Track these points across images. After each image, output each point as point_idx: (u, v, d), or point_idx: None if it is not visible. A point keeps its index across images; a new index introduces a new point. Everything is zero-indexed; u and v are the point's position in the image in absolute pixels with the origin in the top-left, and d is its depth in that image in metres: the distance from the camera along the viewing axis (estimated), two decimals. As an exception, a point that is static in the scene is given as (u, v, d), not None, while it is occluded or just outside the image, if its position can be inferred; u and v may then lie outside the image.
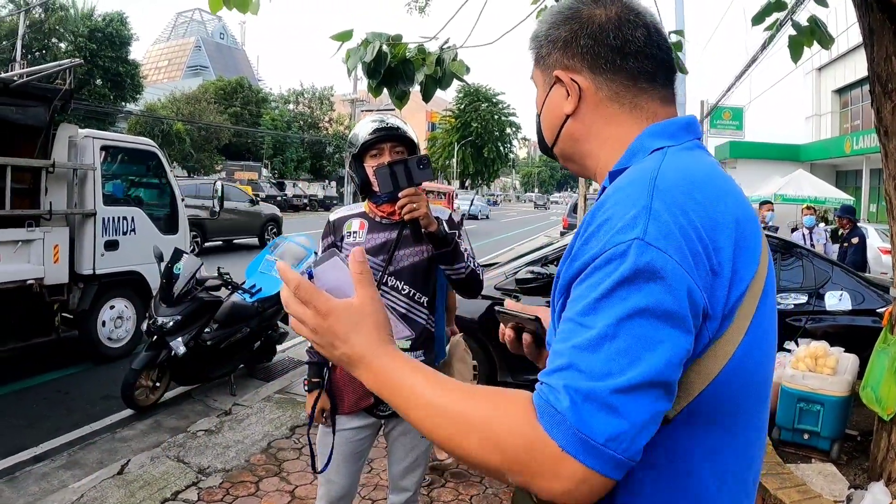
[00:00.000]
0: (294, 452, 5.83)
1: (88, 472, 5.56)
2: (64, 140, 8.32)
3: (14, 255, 7.68)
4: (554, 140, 1.44)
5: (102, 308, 8.82)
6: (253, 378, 8.28)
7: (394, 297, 3.19)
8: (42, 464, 5.81)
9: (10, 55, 35.82)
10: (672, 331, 1.03)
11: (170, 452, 5.79)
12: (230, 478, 5.33)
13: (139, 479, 5.28)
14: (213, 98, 58.37)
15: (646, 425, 1.01)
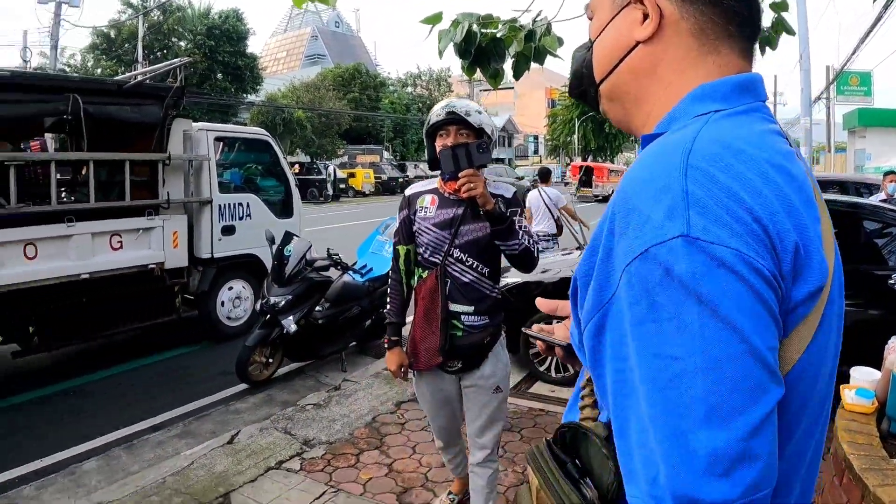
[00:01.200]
0: (396, 427, 6.00)
1: (200, 442, 5.97)
2: (179, 133, 8.86)
3: (136, 241, 8.29)
4: (607, 73, 1.24)
5: (221, 289, 9.38)
6: (364, 355, 8.55)
7: (458, 268, 3.49)
8: (158, 433, 6.29)
9: (133, 56, 37.62)
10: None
11: (278, 424, 6.10)
12: (333, 450, 5.57)
13: (247, 449, 5.60)
14: (332, 85, 59.16)
15: None
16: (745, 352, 0.86)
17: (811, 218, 0.97)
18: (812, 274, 0.95)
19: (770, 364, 0.88)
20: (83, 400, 7.34)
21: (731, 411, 0.86)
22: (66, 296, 7.85)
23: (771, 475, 0.88)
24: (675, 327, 0.88)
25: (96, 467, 5.60)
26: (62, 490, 5.22)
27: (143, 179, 8.57)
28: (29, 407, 7.14)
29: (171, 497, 4.81)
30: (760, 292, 0.88)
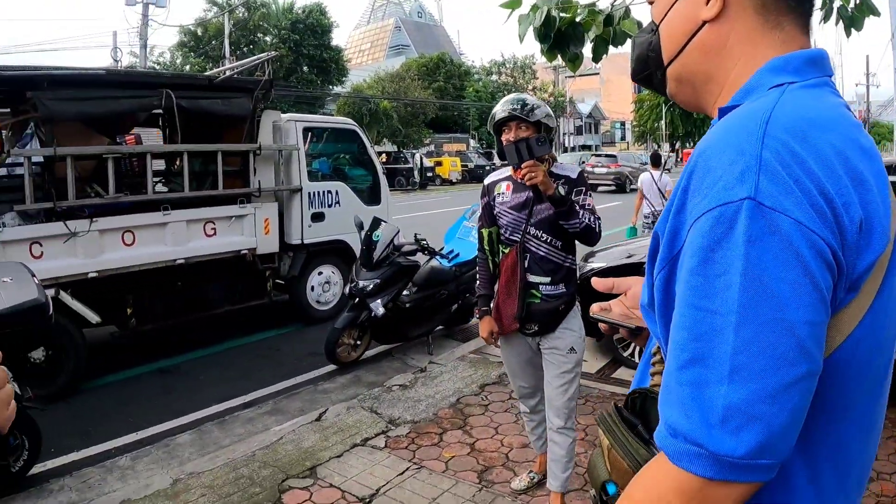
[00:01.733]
0: (480, 408, 6.09)
1: (289, 419, 6.18)
2: (268, 125, 9.17)
3: (229, 228, 8.63)
4: (675, 54, 1.27)
5: (311, 274, 9.66)
6: (451, 339, 8.68)
7: (535, 243, 3.97)
8: (249, 410, 6.56)
9: (220, 53, 38.57)
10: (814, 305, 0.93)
11: (365, 404, 6.28)
12: (417, 429, 5.70)
13: (334, 426, 5.79)
14: (417, 75, 59.20)
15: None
16: (779, 321, 0.91)
17: (880, 188, 1.00)
18: (873, 246, 0.97)
19: (802, 338, 0.91)
20: (177, 378, 7.73)
21: (752, 374, 0.90)
22: (162, 280, 8.26)
23: (780, 447, 0.92)
24: (722, 284, 0.93)
25: (189, 441, 5.89)
26: (156, 461, 5.52)
27: (234, 169, 8.90)
28: (126, 384, 7.57)
29: (260, 469, 5.02)
30: (809, 265, 0.91)
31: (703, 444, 0.92)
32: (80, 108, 7.59)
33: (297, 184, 9.37)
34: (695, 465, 0.93)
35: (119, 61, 35.43)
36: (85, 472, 5.42)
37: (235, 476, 4.95)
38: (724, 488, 0.93)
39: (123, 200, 7.80)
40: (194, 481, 4.90)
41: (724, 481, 0.92)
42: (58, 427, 6.08)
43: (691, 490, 0.94)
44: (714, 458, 0.91)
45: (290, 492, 4.70)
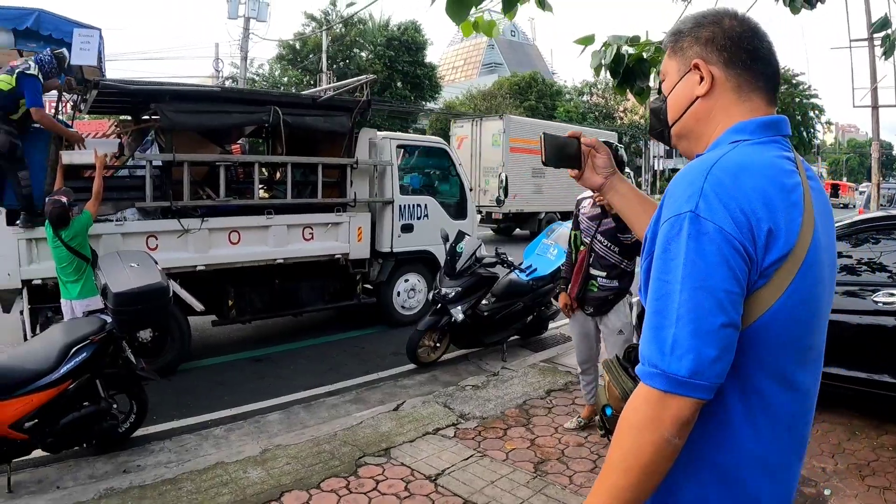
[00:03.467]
0: (544, 411, 6.50)
1: (370, 407, 6.78)
2: (365, 141, 9.91)
3: (325, 234, 9.38)
4: (677, 118, 1.77)
5: (398, 281, 10.33)
6: (524, 348, 9.08)
7: (599, 246, 5.46)
8: (334, 398, 7.21)
9: (318, 66, 39.45)
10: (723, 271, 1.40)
11: (439, 399, 6.80)
12: (484, 423, 6.17)
13: (409, 416, 6.33)
14: (508, 93, 58.69)
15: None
16: (704, 287, 1.39)
17: (789, 212, 1.45)
18: (777, 247, 1.42)
19: (720, 299, 1.38)
20: (269, 366, 8.49)
21: (689, 320, 1.39)
22: (261, 277, 9.07)
23: (709, 373, 1.38)
24: (673, 264, 1.44)
25: (278, 419, 6.58)
26: (247, 434, 6.22)
27: (332, 180, 9.66)
28: (222, 368, 8.42)
29: (340, 447, 5.60)
30: (726, 254, 1.39)
31: (658, 366, 1.40)
32: (197, 120, 8.43)
33: (390, 196, 10.04)
34: (655, 381, 1.41)
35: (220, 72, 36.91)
36: (183, 437, 6.18)
37: (318, 450, 5.54)
38: (674, 399, 1.38)
39: (232, 203, 8.65)
40: (281, 452, 5.52)
41: (674, 394, 1.38)
42: (161, 399, 6.87)
43: (654, 399, 1.41)
44: (666, 376, 1.39)
45: (366, 466, 5.25)
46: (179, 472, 5.26)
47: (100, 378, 5.71)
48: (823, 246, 1.53)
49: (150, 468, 5.51)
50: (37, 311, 7.61)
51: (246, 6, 31.79)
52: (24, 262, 7.31)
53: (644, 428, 1.42)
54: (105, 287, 5.88)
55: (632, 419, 1.45)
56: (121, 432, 5.95)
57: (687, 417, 1.40)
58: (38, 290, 7.53)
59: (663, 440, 1.40)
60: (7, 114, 7.05)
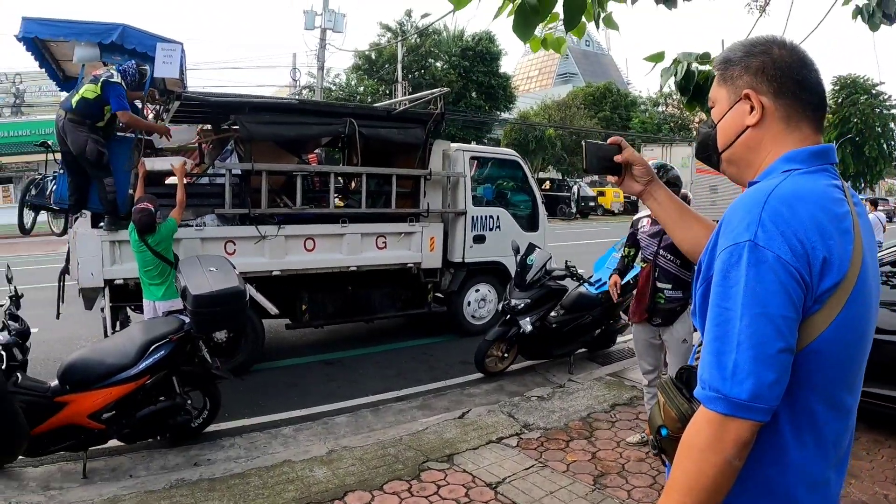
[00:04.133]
0: (608, 424, 6.51)
1: (435, 414, 6.91)
2: (439, 153, 10.06)
3: (398, 243, 9.59)
4: (727, 145, 1.82)
5: (468, 291, 10.42)
6: (591, 361, 9.06)
7: (663, 261, 5.60)
8: (401, 403, 7.37)
9: (393, 76, 39.79)
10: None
11: (504, 409, 6.87)
12: (547, 434, 6.23)
13: (474, 424, 6.43)
14: (583, 103, 58.42)
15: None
16: (764, 314, 1.44)
17: (841, 240, 1.51)
18: (831, 274, 1.48)
19: (779, 325, 1.44)
20: (339, 370, 8.71)
21: (749, 346, 1.44)
22: (335, 283, 9.32)
23: (768, 396, 1.44)
24: (733, 291, 1.49)
25: (345, 421, 6.76)
26: (315, 434, 6.42)
27: (406, 191, 9.83)
28: (293, 370, 8.69)
29: (405, 451, 5.74)
30: (783, 280, 1.44)
31: (720, 390, 1.46)
32: (275, 131, 8.73)
33: (463, 207, 10.16)
34: (716, 405, 1.46)
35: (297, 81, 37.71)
36: (253, 435, 6.42)
37: (383, 453, 5.69)
38: (735, 422, 1.44)
39: (308, 212, 8.90)
40: (347, 453, 5.69)
41: (735, 417, 1.44)
42: (233, 397, 7.12)
43: (715, 422, 1.47)
44: (727, 400, 1.45)
45: (429, 471, 5.38)
46: (248, 467, 5.49)
47: (176, 375, 6.01)
48: (870, 270, 1.59)
49: (220, 462, 5.75)
50: (117, 309, 8.02)
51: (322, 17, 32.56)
52: (107, 262, 7.72)
53: (707, 450, 1.48)
54: (185, 289, 6.15)
55: (694, 442, 1.52)
56: (193, 427, 6.23)
57: (747, 439, 1.47)
58: (119, 289, 7.91)
59: (725, 462, 1.47)
60: (94, 122, 7.43)
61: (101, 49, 7.84)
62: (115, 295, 7.92)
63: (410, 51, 44.52)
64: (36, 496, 5.17)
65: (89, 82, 7.42)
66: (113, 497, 5.03)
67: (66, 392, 5.49)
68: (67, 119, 7.35)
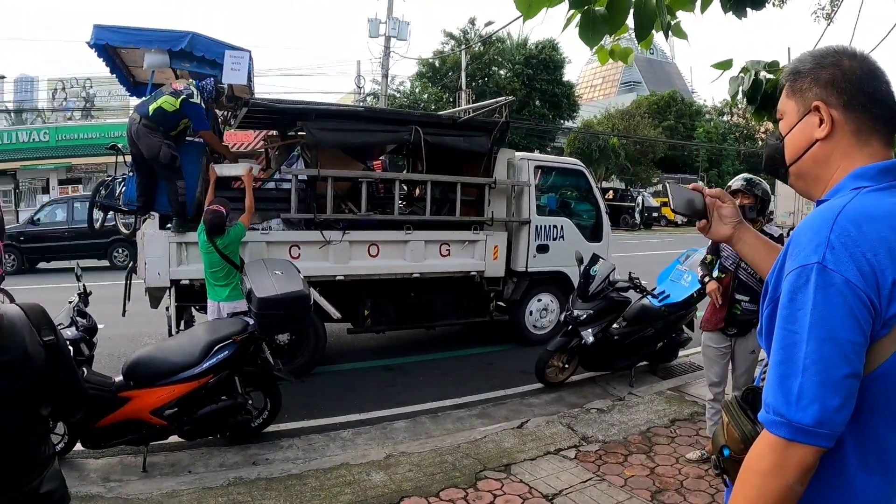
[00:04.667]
0: (667, 440, 6.40)
1: (494, 423, 6.90)
2: (503, 161, 10.04)
3: (462, 251, 9.61)
4: (795, 159, 1.78)
5: (531, 300, 10.40)
6: (652, 374, 8.92)
7: (743, 273, 5.67)
8: (460, 410, 7.39)
9: (457, 84, 39.84)
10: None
11: (563, 420, 6.83)
12: (606, 448, 6.16)
13: (532, 434, 6.40)
14: (647, 112, 57.52)
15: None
16: (831, 339, 1.42)
17: None
18: None
19: (846, 351, 1.41)
20: (399, 376, 8.79)
21: (815, 371, 1.42)
22: (397, 289, 9.38)
23: (832, 421, 1.41)
24: (800, 314, 1.46)
25: (404, 427, 6.81)
26: (373, 439, 6.48)
27: (470, 199, 9.88)
28: (354, 374, 8.80)
29: (462, 459, 5.75)
30: (851, 305, 1.42)
31: (784, 415, 1.44)
32: (341, 138, 8.85)
33: (527, 216, 10.13)
34: (780, 430, 1.45)
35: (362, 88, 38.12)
36: (311, 437, 6.52)
37: (440, 460, 5.71)
38: (798, 448, 1.43)
39: (373, 218, 9.00)
40: (404, 459, 5.73)
41: (798, 442, 1.43)
42: (293, 399, 7.19)
43: (779, 447, 1.45)
44: (791, 425, 1.43)
45: (485, 480, 5.36)
46: (305, 468, 5.57)
47: (238, 375, 6.13)
48: None
49: (278, 462, 5.85)
50: (182, 309, 8.22)
51: (387, 25, 32.84)
52: (173, 263, 7.95)
53: (768, 475, 1.47)
54: (250, 291, 6.26)
55: (756, 466, 1.51)
56: (253, 427, 6.36)
57: (810, 465, 1.45)
58: (184, 289, 8.12)
59: (787, 487, 1.46)
60: (167, 130, 7.66)
61: (171, 56, 8.05)
62: (180, 295, 8.14)
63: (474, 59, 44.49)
64: (96, 487, 5.33)
65: (170, 94, 7.65)
66: (171, 492, 5.16)
67: (130, 388, 5.68)
68: (142, 124, 7.58)
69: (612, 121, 53.06)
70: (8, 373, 2.00)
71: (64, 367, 2.24)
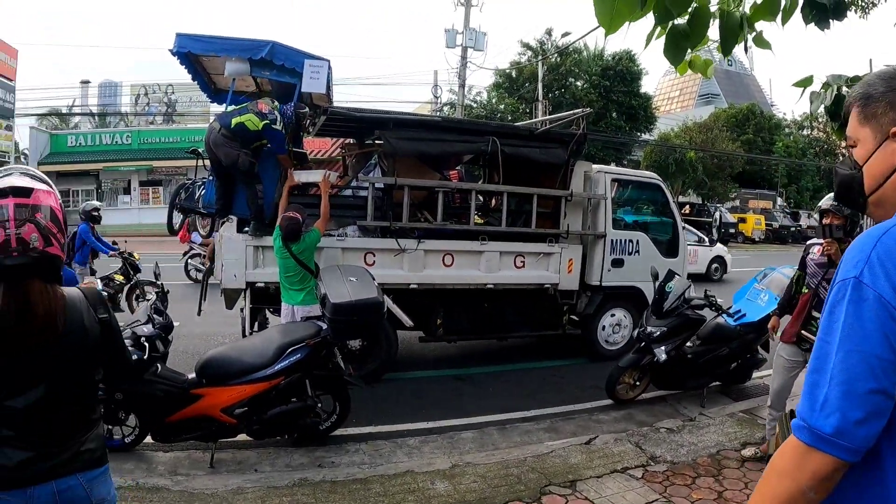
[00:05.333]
0: (737, 464, 6.26)
1: (562, 437, 6.89)
2: (580, 174, 10.00)
3: (536, 263, 9.61)
4: (876, 188, 1.73)
5: (604, 315, 10.32)
6: (724, 395, 8.73)
7: (823, 292, 5.56)
8: (528, 423, 7.37)
9: (533, 95, 39.67)
10: None
11: (631, 438, 6.75)
12: (673, 469, 6.07)
13: (600, 451, 6.36)
14: (725, 126, 56.18)
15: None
16: (858, 351, 1.44)
17: None
18: None
19: (873, 365, 1.43)
20: (468, 385, 8.84)
21: (840, 382, 1.45)
22: (470, 299, 9.42)
23: (854, 435, 1.43)
24: (835, 326, 1.50)
25: (471, 437, 6.84)
26: (439, 448, 6.53)
27: (546, 211, 9.83)
28: (423, 382, 8.90)
29: (528, 472, 5.74)
30: (883, 320, 1.43)
31: (807, 420, 1.48)
32: (419, 147, 8.97)
33: (602, 230, 10.07)
34: (801, 434, 1.49)
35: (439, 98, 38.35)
36: (378, 443, 6.60)
37: (506, 473, 5.71)
38: (816, 454, 1.46)
39: (448, 228, 9.05)
40: (470, 469, 5.75)
41: (816, 448, 1.45)
42: (361, 404, 7.30)
43: (799, 451, 1.49)
44: (811, 431, 1.46)
45: (550, 496, 5.35)
46: (370, 473, 5.64)
47: (309, 378, 6.26)
48: None
49: (344, 466, 5.95)
50: (256, 311, 8.43)
51: (464, 36, 33.00)
52: (249, 266, 8.17)
53: (784, 475, 1.51)
54: (324, 297, 6.38)
55: (776, 464, 1.55)
56: (321, 429, 6.48)
57: (826, 474, 1.46)
58: (259, 291, 8.33)
59: (798, 491, 1.48)
60: (244, 145, 7.85)
61: (251, 64, 8.25)
62: (255, 297, 8.37)
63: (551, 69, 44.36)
64: (163, 480, 5.50)
65: (255, 114, 7.85)
66: (237, 489, 5.29)
67: (202, 385, 5.89)
68: (220, 133, 7.80)
69: (689, 134, 52.36)
70: (70, 344, 2.30)
71: (115, 341, 2.64)
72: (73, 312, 2.40)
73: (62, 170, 39.72)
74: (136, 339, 5.86)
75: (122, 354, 2.75)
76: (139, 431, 6.10)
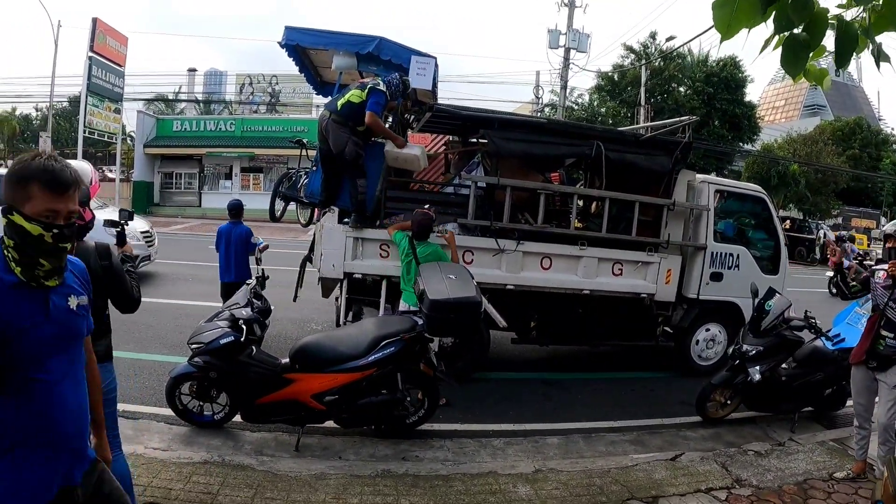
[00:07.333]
0: (823, 494, 6.09)
1: (648, 451, 6.87)
2: (683, 183, 9.88)
3: (634, 271, 9.55)
4: None
5: (699, 329, 10.16)
6: (815, 422, 8.46)
7: (891, 312, 6.05)
8: (613, 434, 7.38)
9: (636, 99, 39.04)
10: None
11: (718, 458, 6.70)
12: (758, 494, 5.97)
13: (684, 469, 6.33)
14: (830, 139, 53.91)
15: None
16: None
17: None
18: None
19: None
20: (557, 391, 8.85)
21: None
22: (566, 304, 9.40)
23: None
24: None
25: (556, 443, 6.88)
26: (524, 451, 6.59)
27: (647, 219, 9.73)
28: (512, 384, 8.98)
29: (611, 484, 5.78)
30: None
31: None
32: (523, 148, 8.98)
33: (703, 242, 9.91)
34: None
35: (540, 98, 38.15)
36: (463, 441, 6.71)
37: (588, 483, 5.76)
38: None
39: (548, 230, 9.05)
40: (552, 476, 5.82)
41: None
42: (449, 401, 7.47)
43: None
44: None
45: (630, 509, 5.36)
46: (453, 471, 5.77)
47: (401, 371, 6.42)
48: None
49: (427, 461, 6.08)
50: (351, 301, 8.57)
51: (567, 37, 32.91)
52: (348, 257, 8.38)
53: None
54: (423, 292, 6.51)
55: None
56: (408, 423, 6.65)
57: None
58: (356, 283, 8.51)
59: None
60: (355, 125, 7.94)
61: (358, 59, 8.43)
62: (351, 288, 8.52)
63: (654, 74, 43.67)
64: (248, 458, 5.75)
65: (356, 87, 8.00)
66: (320, 473, 5.49)
67: (295, 370, 6.13)
68: (332, 119, 7.96)
69: (793, 146, 50.90)
70: (85, 281, 2.89)
71: (116, 279, 3.86)
72: (84, 257, 3.26)
73: (166, 153, 41.94)
74: (234, 322, 6.15)
75: (123, 289, 3.93)
76: (229, 410, 6.40)
